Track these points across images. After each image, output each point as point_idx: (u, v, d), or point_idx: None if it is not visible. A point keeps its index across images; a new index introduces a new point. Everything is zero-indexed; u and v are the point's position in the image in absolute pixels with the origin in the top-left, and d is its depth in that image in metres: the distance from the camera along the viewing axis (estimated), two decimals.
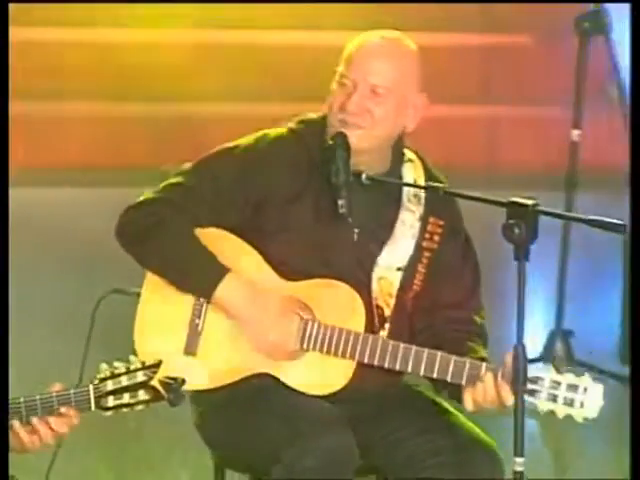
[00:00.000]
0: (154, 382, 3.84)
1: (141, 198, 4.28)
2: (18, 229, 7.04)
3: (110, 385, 3.85)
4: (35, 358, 5.19)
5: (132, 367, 3.85)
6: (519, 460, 3.95)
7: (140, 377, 3.86)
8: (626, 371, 6.12)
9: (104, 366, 3.83)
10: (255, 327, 4.19)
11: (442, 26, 7.98)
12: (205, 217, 4.26)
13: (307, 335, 4.18)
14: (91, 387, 3.84)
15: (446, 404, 4.41)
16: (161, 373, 4.09)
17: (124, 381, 3.86)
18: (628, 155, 5.95)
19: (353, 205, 4.19)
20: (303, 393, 4.23)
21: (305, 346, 4.20)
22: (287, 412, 4.22)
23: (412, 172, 4.39)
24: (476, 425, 4.34)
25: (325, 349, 4.19)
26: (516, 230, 3.91)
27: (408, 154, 4.39)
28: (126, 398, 3.85)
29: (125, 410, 3.84)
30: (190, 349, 4.29)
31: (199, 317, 4.26)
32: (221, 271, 4.19)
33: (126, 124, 7.85)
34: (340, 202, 4.20)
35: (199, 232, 4.21)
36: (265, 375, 4.24)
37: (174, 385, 3.83)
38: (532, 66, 8.01)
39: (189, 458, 4.83)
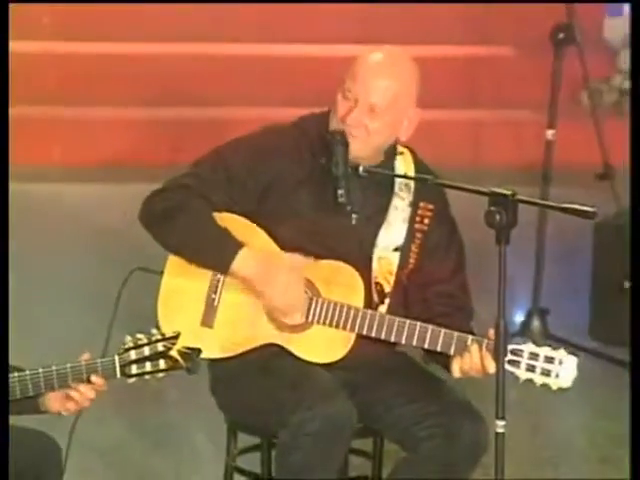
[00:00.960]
0: (173, 352, 3.84)
1: (161, 185, 4.25)
2: (55, 219, 7.09)
3: (133, 355, 3.85)
4: (68, 331, 5.11)
5: (153, 338, 3.86)
6: (500, 423, 3.89)
7: (160, 347, 3.86)
8: (595, 345, 6.16)
9: (128, 338, 3.84)
10: (269, 291, 4.14)
11: (433, 40, 7.98)
12: (219, 202, 4.21)
13: (312, 310, 4.17)
14: (116, 357, 3.84)
15: (435, 373, 4.39)
16: (180, 343, 4.09)
17: (146, 351, 3.86)
18: (600, 153, 5.99)
19: (351, 193, 4.17)
20: (308, 362, 4.21)
21: (310, 320, 4.18)
22: (293, 381, 4.19)
23: (403, 164, 4.38)
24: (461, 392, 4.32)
25: (328, 322, 4.18)
26: (497, 216, 3.87)
27: (399, 148, 4.39)
28: (148, 367, 3.85)
29: (147, 377, 3.85)
30: (207, 321, 4.26)
31: (215, 293, 4.23)
32: (236, 246, 4.16)
33: (152, 127, 7.75)
34: (340, 192, 4.20)
35: (215, 216, 4.16)
36: (274, 346, 4.22)
37: (191, 355, 3.84)
38: (512, 74, 8.01)
39: (205, 421, 4.77)
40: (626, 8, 8.68)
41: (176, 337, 3.84)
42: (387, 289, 4.28)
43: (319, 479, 4.19)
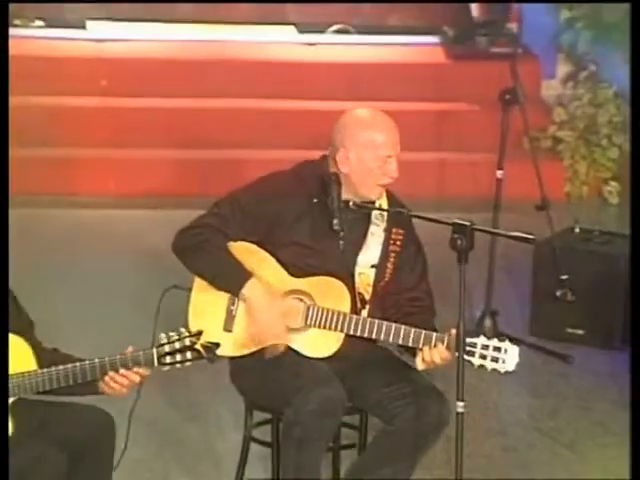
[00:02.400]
0: (197, 346, 3.87)
1: (189, 223, 4.25)
2: (108, 239, 7.05)
3: (167, 348, 3.87)
4: (116, 332, 5.06)
5: (182, 335, 3.88)
6: (460, 404, 3.91)
7: (187, 342, 3.88)
8: (533, 340, 6.09)
9: (162, 335, 3.88)
10: (256, 318, 4.15)
11: (408, 97, 7.96)
12: (235, 235, 4.21)
13: (309, 315, 4.16)
14: (154, 350, 3.86)
15: (407, 362, 4.36)
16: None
17: (177, 345, 3.88)
18: (538, 188, 6.00)
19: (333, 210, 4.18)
20: (307, 356, 4.19)
21: (308, 323, 4.17)
22: (295, 371, 4.18)
23: (380, 199, 4.33)
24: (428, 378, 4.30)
25: (322, 325, 4.17)
26: (458, 242, 3.90)
27: None
28: (178, 357, 3.87)
29: (178, 366, 3.87)
30: (228, 327, 4.24)
31: (233, 305, 4.22)
32: (246, 276, 4.16)
33: (184, 165, 7.74)
34: (335, 221, 4.20)
35: (232, 245, 4.18)
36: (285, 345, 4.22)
37: (212, 348, 3.89)
38: (470, 125, 7.94)
39: (227, 401, 4.74)
40: (559, 71, 8.66)
41: (200, 333, 3.87)
42: (367, 297, 4.26)
43: (317, 446, 4.16)
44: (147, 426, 4.30)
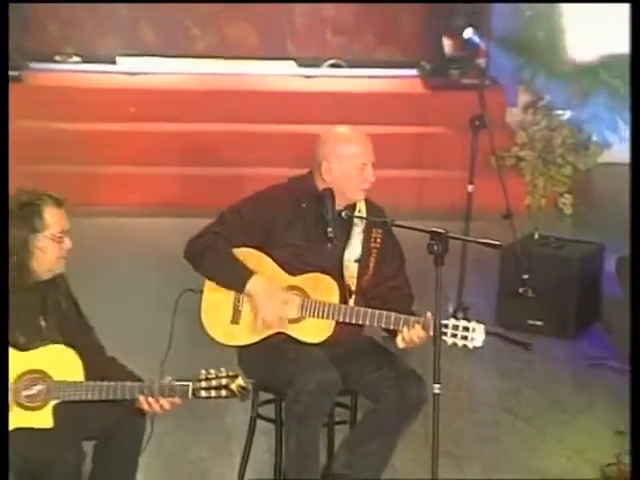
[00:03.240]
0: (233, 386, 3.73)
1: (197, 233, 4.24)
2: (131, 244, 7.06)
3: (204, 384, 3.73)
4: (138, 328, 5.02)
5: (221, 375, 3.73)
6: (436, 386, 3.90)
7: (224, 381, 3.75)
8: (497, 329, 6.03)
9: (203, 371, 3.73)
10: (261, 308, 4.12)
11: (391, 121, 7.89)
12: (238, 240, 4.20)
13: (304, 307, 4.15)
14: (190, 384, 3.72)
15: (391, 349, 4.35)
16: (217, 337, 4.22)
17: (213, 383, 3.73)
18: (504, 200, 6.01)
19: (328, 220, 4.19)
20: (303, 343, 4.18)
21: (303, 314, 4.17)
22: (295, 357, 4.16)
23: (360, 204, 4.33)
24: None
25: (315, 315, 4.15)
26: (435, 247, 3.90)
27: None
28: (213, 393, 3.73)
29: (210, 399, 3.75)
30: (235, 320, 4.22)
31: (239, 301, 4.19)
32: (248, 274, 4.14)
33: (198, 180, 7.76)
34: (329, 229, 4.20)
35: (236, 251, 4.17)
36: (281, 333, 4.18)
37: (245, 392, 3.76)
38: (445, 146, 7.92)
39: None
40: (520, 100, 8.65)
41: (236, 376, 3.74)
42: (353, 288, 4.23)
43: (315, 422, 4.16)
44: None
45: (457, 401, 5.25)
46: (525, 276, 6.02)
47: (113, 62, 8.72)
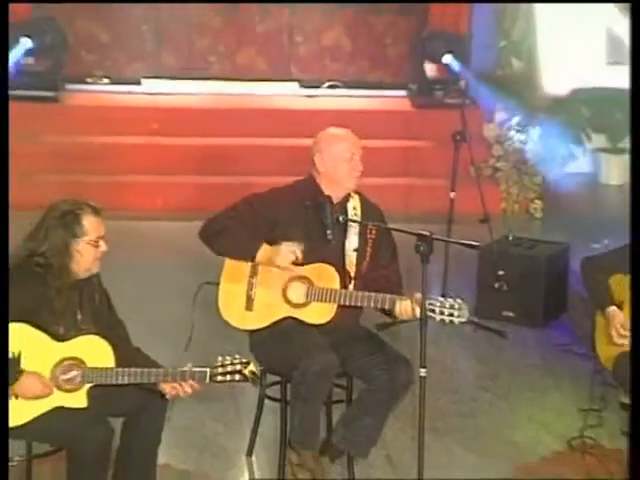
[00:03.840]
0: (246, 371, 3.72)
1: (213, 216, 4.25)
2: (156, 243, 7.07)
3: (220, 370, 3.72)
4: (164, 318, 5.01)
5: (235, 361, 3.71)
6: (422, 370, 3.87)
7: (238, 367, 3.73)
8: (475, 318, 5.96)
9: (220, 358, 3.72)
10: (276, 257, 4.09)
11: (382, 136, 7.83)
12: (247, 226, 4.18)
13: (309, 293, 4.14)
14: (208, 370, 3.71)
15: (383, 338, 4.36)
16: (232, 323, 4.18)
17: (228, 368, 3.72)
18: (481, 206, 6.01)
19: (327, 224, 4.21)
20: (309, 325, 4.16)
21: (308, 299, 4.16)
22: (300, 342, 4.14)
23: (354, 201, 4.33)
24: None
25: (319, 299, 4.15)
26: (421, 248, 3.86)
27: (351, 193, 4.34)
28: (228, 378, 3.72)
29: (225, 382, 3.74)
30: (248, 307, 4.20)
31: (251, 290, 4.18)
32: (258, 245, 4.13)
33: (212, 187, 7.73)
34: (328, 232, 4.21)
35: None
36: (288, 318, 4.18)
37: (255, 376, 3.75)
38: (430, 158, 7.90)
39: None
40: (496, 117, 8.64)
41: (248, 363, 3.73)
42: (352, 275, 4.23)
43: (317, 401, 4.15)
44: None
45: (441, 382, 5.23)
46: (500, 272, 6.02)
47: (138, 84, 8.74)
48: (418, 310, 3.96)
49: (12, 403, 3.64)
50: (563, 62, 8.31)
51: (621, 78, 7.83)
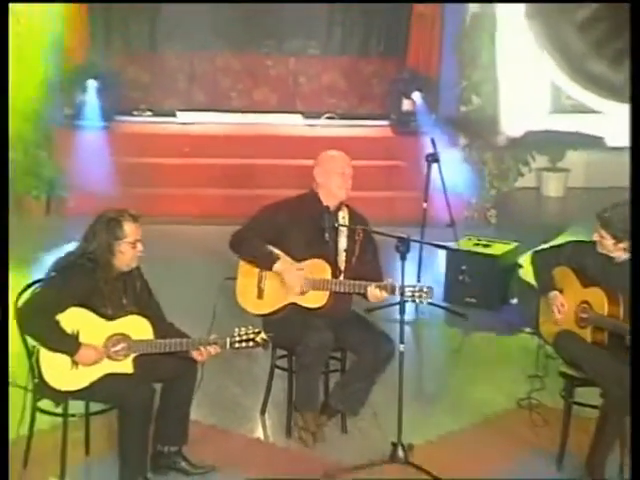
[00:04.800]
0: (257, 339, 3.75)
1: (238, 230, 4.24)
2: (189, 244, 7.02)
3: (237, 338, 3.74)
4: (192, 304, 4.96)
5: (249, 331, 3.75)
6: (401, 345, 3.89)
7: (251, 335, 3.76)
8: (444, 304, 5.96)
9: (236, 329, 3.75)
10: (287, 280, 4.13)
11: (367, 157, 7.56)
12: (262, 234, 4.17)
13: (307, 283, 4.13)
14: (228, 339, 3.73)
15: (369, 319, 4.40)
16: (246, 308, 4.17)
17: (244, 337, 3.75)
18: (448, 213, 5.97)
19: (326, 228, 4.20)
20: (308, 309, 4.15)
21: (306, 289, 4.15)
22: (303, 323, 4.12)
23: (344, 212, 4.31)
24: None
25: (315, 288, 4.14)
26: (400, 248, 3.88)
27: (342, 205, 4.32)
28: (243, 345, 3.75)
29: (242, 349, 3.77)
30: (260, 296, 4.20)
31: (261, 282, 4.17)
32: (275, 258, 4.10)
33: (234, 198, 7.71)
34: (326, 235, 4.19)
35: None
36: (292, 304, 4.17)
37: (265, 342, 3.79)
38: (406, 176, 7.83)
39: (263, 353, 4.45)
40: (460, 142, 8.56)
41: (259, 332, 3.76)
42: (342, 269, 4.22)
43: (316, 370, 4.19)
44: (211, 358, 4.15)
45: (416, 355, 5.23)
46: (463, 267, 6.00)
47: (173, 115, 8.70)
48: (384, 294, 4.05)
49: (73, 371, 3.65)
50: (517, 107, 8.19)
51: (563, 124, 7.94)
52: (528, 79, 8.06)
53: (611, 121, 7.70)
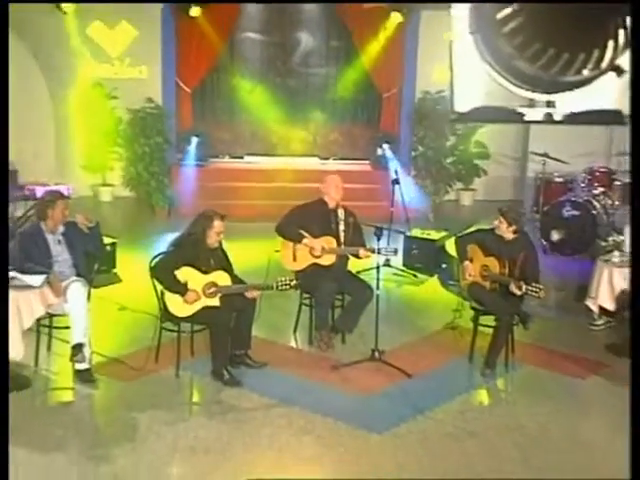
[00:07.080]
0: (292, 284, 3.58)
1: (279, 221, 4.12)
2: (247, 234, 6.59)
3: (280, 283, 3.67)
4: (256, 266, 4.68)
5: (287, 280, 3.67)
6: (377, 290, 3.81)
7: (288, 282, 3.69)
8: (402, 267, 5.76)
9: (279, 278, 3.66)
10: (314, 247, 4.01)
11: (356, 182, 7.53)
12: (294, 224, 4.06)
13: (322, 250, 4.01)
14: (274, 283, 3.67)
15: (359, 276, 4.24)
16: (287, 267, 4.02)
17: (284, 283, 3.67)
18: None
19: (331, 220, 4.09)
20: (323, 267, 4.03)
21: (321, 253, 4.04)
22: (318, 277, 4.03)
23: (341, 209, 4.18)
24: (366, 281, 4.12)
25: (327, 253, 4.03)
26: (377, 233, 3.94)
27: (339, 205, 4.20)
28: (284, 287, 3.66)
29: (284, 291, 3.62)
30: (294, 259, 4.13)
31: (295, 251, 4.07)
32: (302, 235, 4.02)
33: (271, 207, 7.37)
34: (332, 224, 4.11)
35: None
36: (314, 264, 4.09)
37: (297, 286, 3.70)
38: (381, 192, 7.60)
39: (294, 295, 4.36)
40: (412, 172, 8.43)
41: (293, 279, 3.65)
42: (342, 242, 4.12)
43: (327, 306, 4.14)
44: (264, 296, 3.98)
45: (386, 298, 5.09)
46: (414, 246, 5.92)
47: (242, 158, 8.70)
48: (369, 253, 3.97)
49: (184, 305, 3.67)
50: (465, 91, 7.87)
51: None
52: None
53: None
